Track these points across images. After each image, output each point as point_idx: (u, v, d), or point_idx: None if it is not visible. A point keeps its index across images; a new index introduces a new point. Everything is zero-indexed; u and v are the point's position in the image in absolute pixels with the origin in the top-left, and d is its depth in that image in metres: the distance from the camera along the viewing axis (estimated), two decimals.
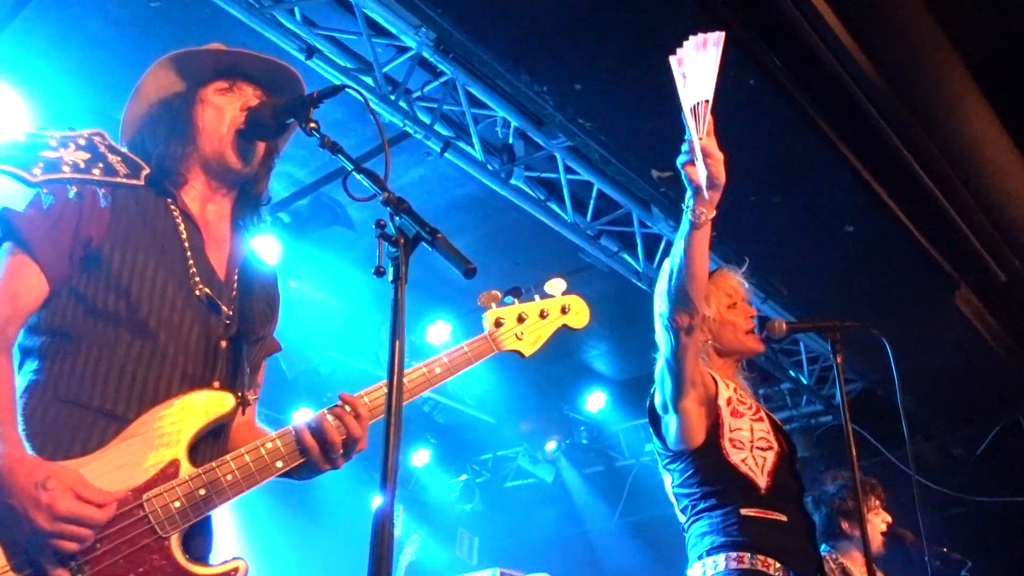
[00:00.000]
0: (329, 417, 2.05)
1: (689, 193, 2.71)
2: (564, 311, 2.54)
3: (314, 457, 2.03)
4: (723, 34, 2.55)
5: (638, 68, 4.52)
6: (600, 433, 9.39)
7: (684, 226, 2.77)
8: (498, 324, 2.41)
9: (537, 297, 2.52)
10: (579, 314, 2.57)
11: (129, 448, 1.86)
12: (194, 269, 2.10)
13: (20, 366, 1.96)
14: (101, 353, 1.95)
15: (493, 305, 2.45)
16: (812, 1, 4.00)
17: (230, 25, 4.56)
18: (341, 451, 2.05)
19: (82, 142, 1.72)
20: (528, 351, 2.45)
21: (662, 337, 3.00)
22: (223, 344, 2.09)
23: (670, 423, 3.05)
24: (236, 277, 2.21)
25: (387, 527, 1.61)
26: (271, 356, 2.43)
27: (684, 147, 2.63)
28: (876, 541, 4.69)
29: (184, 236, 2.12)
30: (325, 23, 4.71)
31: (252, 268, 2.29)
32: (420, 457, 9.46)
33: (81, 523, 1.72)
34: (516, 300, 2.48)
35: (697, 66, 2.60)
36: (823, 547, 4.79)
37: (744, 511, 2.90)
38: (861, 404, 7.81)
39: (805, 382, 7.61)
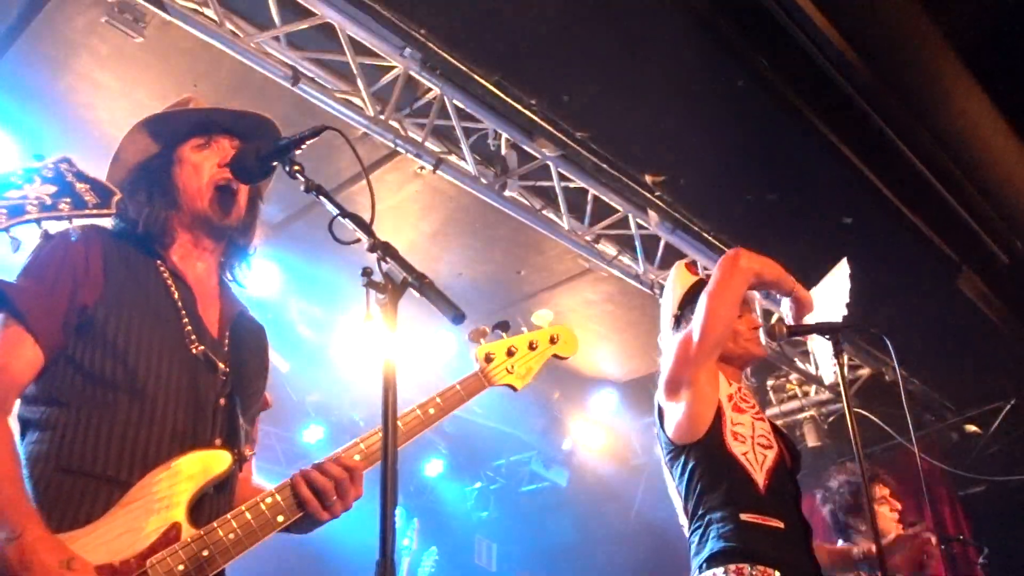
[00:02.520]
0: (322, 468, 2.06)
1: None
2: (553, 341, 2.54)
3: (312, 508, 2.02)
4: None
5: (625, 75, 4.52)
6: (612, 433, 9.38)
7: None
8: (488, 359, 2.40)
9: (525, 329, 2.52)
10: (568, 343, 2.57)
11: (130, 514, 1.85)
12: (189, 327, 2.10)
13: (21, 437, 1.95)
14: (101, 419, 1.94)
15: (482, 340, 2.44)
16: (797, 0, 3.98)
17: (213, 56, 4.56)
18: (334, 499, 2.04)
19: (48, 173, 1.66)
20: (519, 384, 2.44)
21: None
22: (221, 402, 2.09)
23: (677, 408, 3.09)
24: (228, 333, 2.21)
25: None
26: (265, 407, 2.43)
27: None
28: (888, 531, 4.62)
29: (176, 296, 2.13)
30: (310, 48, 4.70)
31: (244, 323, 2.29)
32: (433, 467, 9.48)
33: None
34: (505, 334, 2.48)
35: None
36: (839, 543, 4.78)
37: (744, 516, 2.89)
38: (870, 389, 7.80)
39: (813, 372, 7.58)
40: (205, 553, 1.86)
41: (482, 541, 9.81)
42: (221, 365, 2.12)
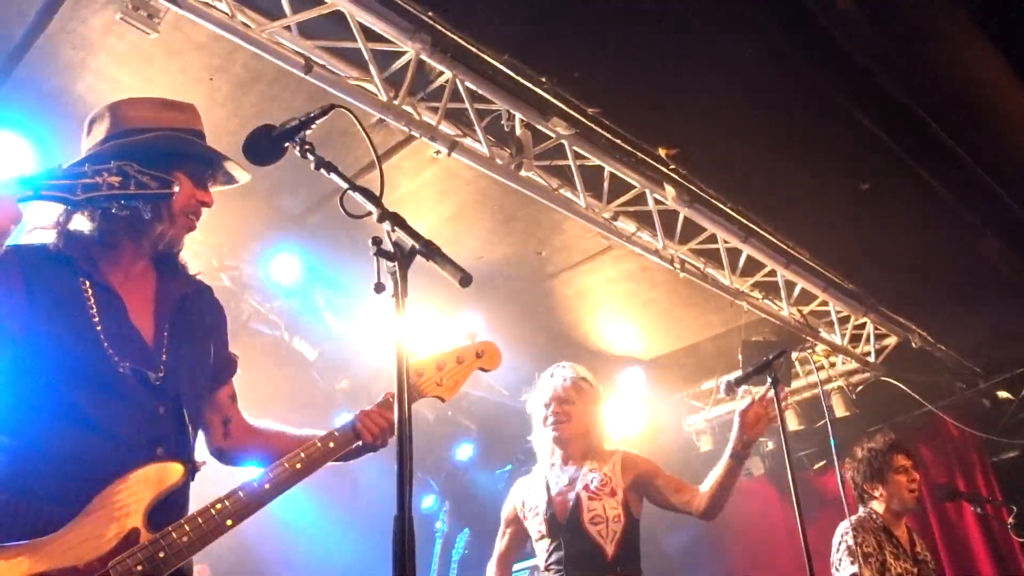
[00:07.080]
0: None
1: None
2: (479, 355, 2.76)
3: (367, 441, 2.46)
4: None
5: (636, 49, 4.52)
6: (643, 411, 9.38)
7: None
8: (419, 375, 2.62)
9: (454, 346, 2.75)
10: (492, 357, 2.80)
11: (93, 522, 2.04)
12: (111, 351, 2.20)
13: None
14: (48, 447, 2.09)
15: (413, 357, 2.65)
16: None
17: (227, 50, 4.63)
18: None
19: (114, 169, 1.92)
20: (448, 396, 2.69)
21: None
22: (160, 410, 2.23)
23: None
24: (166, 332, 2.32)
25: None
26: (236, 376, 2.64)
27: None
28: (905, 498, 4.83)
29: (96, 319, 2.22)
30: (321, 36, 4.75)
31: (186, 308, 2.42)
32: (464, 451, 9.55)
33: None
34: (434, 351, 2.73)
35: None
36: (860, 509, 4.86)
37: None
38: (898, 357, 7.77)
39: (838, 342, 7.56)
40: (161, 554, 2.05)
41: None
42: (153, 375, 2.24)
